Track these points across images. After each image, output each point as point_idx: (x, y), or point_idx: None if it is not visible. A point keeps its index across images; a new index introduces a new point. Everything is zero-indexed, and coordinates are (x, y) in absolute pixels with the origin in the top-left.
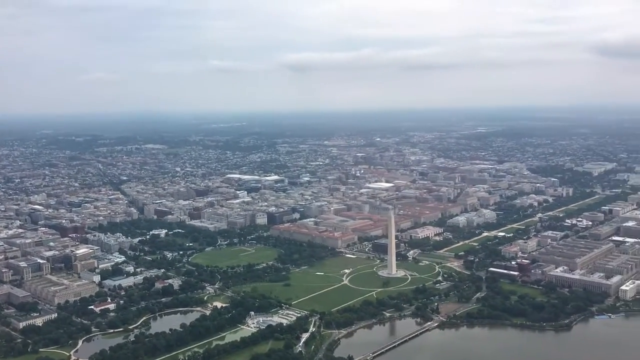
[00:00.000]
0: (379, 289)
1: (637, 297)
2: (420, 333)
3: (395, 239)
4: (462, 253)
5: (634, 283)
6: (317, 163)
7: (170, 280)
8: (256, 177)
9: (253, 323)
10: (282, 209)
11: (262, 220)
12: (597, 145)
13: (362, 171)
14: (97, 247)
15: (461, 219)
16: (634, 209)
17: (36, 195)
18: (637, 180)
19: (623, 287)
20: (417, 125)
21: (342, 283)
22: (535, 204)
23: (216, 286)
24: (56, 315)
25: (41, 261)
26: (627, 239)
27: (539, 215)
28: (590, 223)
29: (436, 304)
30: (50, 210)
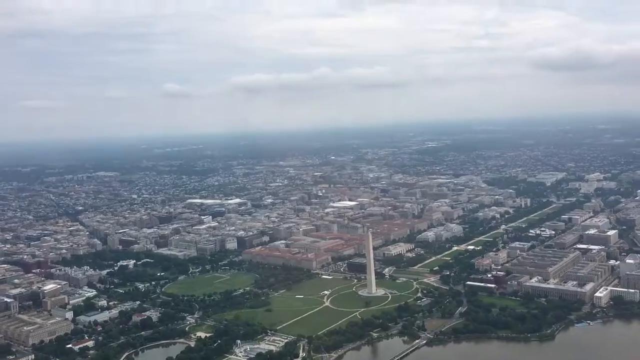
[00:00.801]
0: (362, 309)
1: (611, 302)
2: (411, 351)
3: (363, 257)
4: (437, 268)
5: (606, 289)
6: (277, 184)
7: (147, 313)
8: (218, 201)
9: (241, 352)
10: (251, 233)
11: (232, 245)
12: (545, 156)
13: (323, 190)
14: (64, 282)
15: (430, 234)
16: (591, 217)
17: None
18: (588, 188)
19: (597, 294)
20: (368, 142)
21: (324, 305)
22: (497, 215)
23: (196, 316)
24: (33, 357)
25: (8, 300)
26: (591, 246)
27: (503, 226)
28: (553, 232)
29: (422, 321)
30: (8, 246)
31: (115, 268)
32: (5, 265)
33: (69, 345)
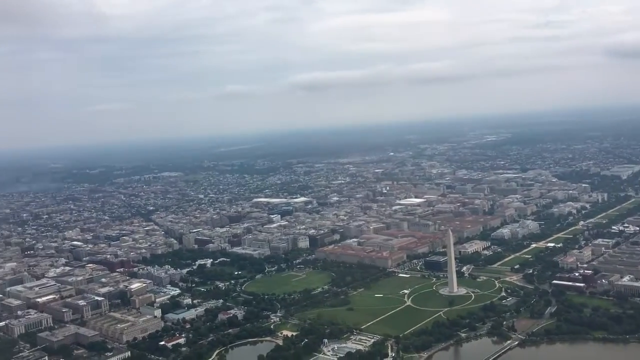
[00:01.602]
0: (445, 309)
1: None
2: (503, 352)
3: (444, 255)
4: (518, 266)
5: None
6: (339, 182)
7: (232, 311)
8: (284, 200)
9: (329, 351)
10: (322, 231)
11: (304, 243)
12: (615, 148)
13: (387, 188)
14: (149, 281)
15: (505, 231)
16: None
17: (70, 231)
18: None
19: None
20: (425, 138)
21: (406, 304)
22: (574, 211)
23: (279, 314)
24: (129, 353)
25: (99, 298)
26: None
27: (581, 222)
28: (638, 228)
29: (511, 321)
30: (90, 246)
31: (194, 267)
32: (91, 265)
33: (162, 343)
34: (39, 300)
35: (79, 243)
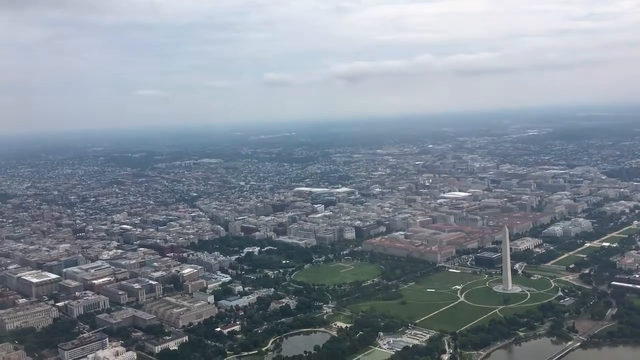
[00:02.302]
0: (501, 306)
1: None
2: (565, 353)
3: (495, 251)
4: (573, 265)
5: None
6: (380, 173)
7: (285, 300)
8: (326, 190)
9: (385, 344)
10: (367, 223)
11: (350, 234)
12: None
13: (430, 180)
14: (200, 267)
15: (557, 229)
16: None
17: (118, 214)
18: None
19: None
20: (463, 130)
21: (459, 300)
22: (627, 210)
23: (331, 305)
24: (187, 338)
25: (153, 282)
26: None
27: (635, 222)
28: None
29: (572, 322)
30: (139, 230)
31: (242, 254)
32: (142, 249)
33: (218, 329)
34: (95, 282)
35: (128, 227)
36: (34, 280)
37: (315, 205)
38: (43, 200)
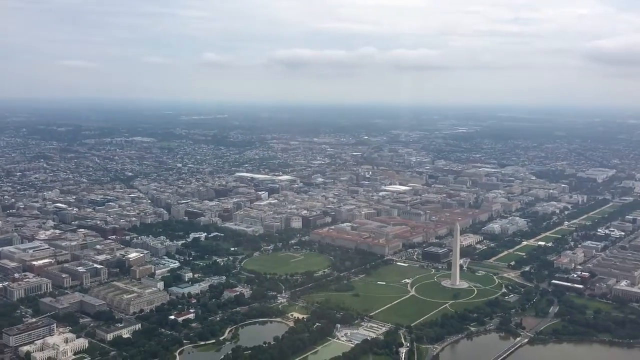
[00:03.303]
0: (451, 301)
1: None
2: (515, 349)
3: (440, 246)
4: (513, 263)
5: None
6: (319, 162)
7: (239, 289)
8: (268, 177)
9: (342, 336)
10: (314, 213)
11: (297, 224)
12: (585, 150)
13: (370, 172)
14: (146, 251)
15: (496, 227)
16: None
17: (50, 192)
18: None
19: None
20: (394, 123)
21: (410, 294)
22: (557, 211)
23: (285, 295)
24: (140, 326)
25: (98, 266)
26: None
27: (566, 223)
28: (623, 233)
29: (520, 318)
30: (75, 210)
31: (188, 239)
32: (82, 230)
33: (172, 317)
34: (34, 263)
35: (63, 205)
36: None
37: (260, 192)
38: None
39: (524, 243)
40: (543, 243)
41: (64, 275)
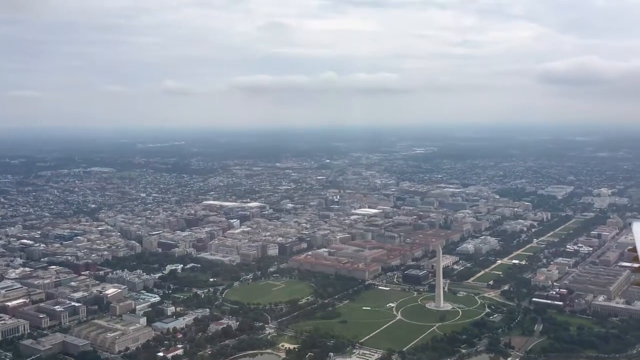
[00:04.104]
0: (438, 324)
1: None
2: None
3: (418, 269)
4: (492, 282)
5: None
6: (286, 187)
7: (225, 321)
8: (237, 204)
9: None
10: (290, 239)
11: (273, 251)
12: (541, 168)
13: (338, 197)
14: (123, 286)
15: (469, 247)
16: (618, 233)
17: (12, 228)
18: (601, 203)
19: None
20: (352, 146)
21: (397, 318)
22: (524, 229)
23: (272, 325)
24: None
25: (75, 304)
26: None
27: (535, 240)
28: (590, 248)
29: (508, 338)
30: (43, 246)
31: (164, 272)
32: (54, 267)
33: (160, 354)
34: (8, 304)
35: (29, 242)
36: None
37: (231, 221)
38: None
39: (499, 262)
40: (517, 261)
41: (41, 316)
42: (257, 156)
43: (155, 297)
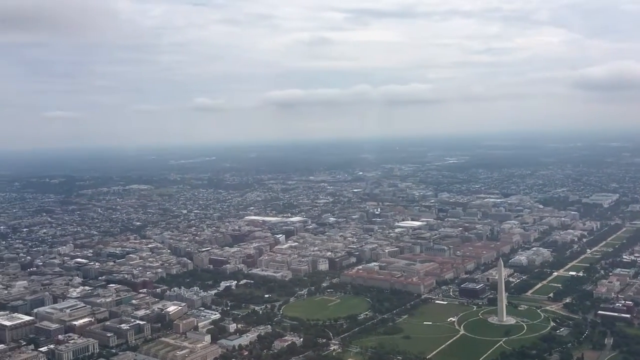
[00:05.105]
0: (504, 338)
1: None
2: None
3: (473, 282)
4: (552, 295)
5: None
6: (324, 201)
7: (289, 338)
8: (280, 219)
9: None
10: (339, 254)
11: (324, 266)
12: (579, 175)
13: (378, 209)
14: (183, 304)
15: (522, 258)
16: None
17: (64, 247)
18: None
19: None
20: (385, 157)
21: (461, 333)
22: (575, 239)
23: (336, 342)
24: None
25: (141, 322)
26: None
27: (588, 251)
28: None
29: (581, 353)
30: (98, 264)
31: (219, 289)
32: (112, 285)
33: None
34: (75, 323)
35: (83, 260)
36: (7, 323)
37: (277, 236)
38: None
39: (555, 274)
40: (574, 273)
41: (108, 334)
42: (289, 170)
43: (215, 314)
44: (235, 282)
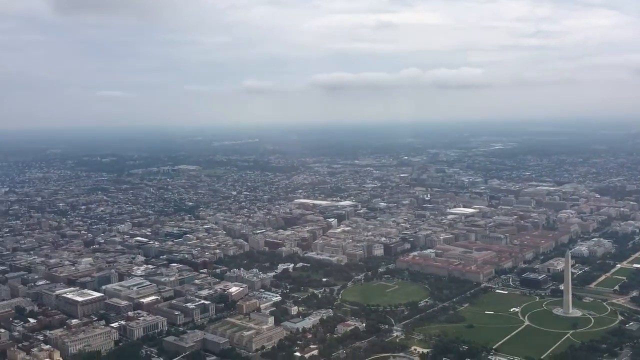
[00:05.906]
0: (571, 331)
1: None
2: None
3: (534, 272)
4: (617, 288)
5: None
6: (371, 185)
7: (352, 323)
8: (330, 203)
9: None
10: (394, 240)
11: (378, 251)
12: (634, 164)
13: (428, 195)
14: (244, 285)
15: (584, 249)
16: None
17: (122, 225)
18: None
19: None
20: (427, 142)
21: (525, 324)
22: (637, 230)
23: (398, 328)
24: None
25: (205, 302)
26: None
27: None
28: None
29: None
30: (157, 244)
31: (277, 271)
32: (174, 264)
33: (297, 354)
34: (142, 300)
35: (144, 239)
36: (78, 298)
37: (329, 220)
38: (29, 207)
39: (618, 266)
40: (638, 265)
41: (176, 313)
42: (333, 153)
43: (276, 296)
44: (292, 264)
